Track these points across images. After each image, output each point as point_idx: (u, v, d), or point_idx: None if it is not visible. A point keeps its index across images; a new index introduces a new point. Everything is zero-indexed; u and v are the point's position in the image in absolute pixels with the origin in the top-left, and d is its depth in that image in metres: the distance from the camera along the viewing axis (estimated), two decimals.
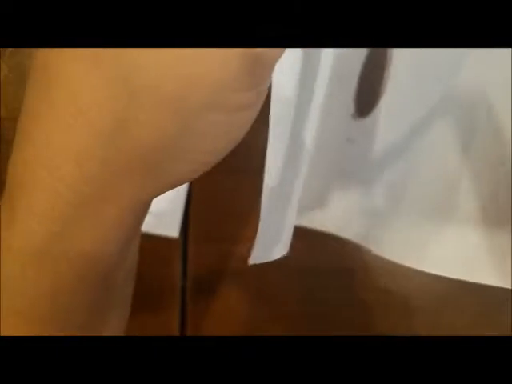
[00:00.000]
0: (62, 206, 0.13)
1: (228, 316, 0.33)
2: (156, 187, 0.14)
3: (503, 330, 0.32)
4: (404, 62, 0.22)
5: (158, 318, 0.21)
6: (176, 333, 0.34)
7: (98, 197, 0.13)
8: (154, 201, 0.17)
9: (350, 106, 0.24)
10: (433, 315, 0.33)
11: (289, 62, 0.19)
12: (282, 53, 0.14)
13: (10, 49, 0.31)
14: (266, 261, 0.23)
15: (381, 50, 0.22)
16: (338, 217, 0.26)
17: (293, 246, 0.25)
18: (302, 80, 0.20)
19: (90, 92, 0.12)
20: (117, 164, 0.13)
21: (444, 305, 0.23)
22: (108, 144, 0.12)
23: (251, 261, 0.21)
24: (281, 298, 0.31)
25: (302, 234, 0.27)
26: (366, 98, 0.23)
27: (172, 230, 0.31)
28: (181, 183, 0.15)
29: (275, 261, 0.25)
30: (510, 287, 0.22)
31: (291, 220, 0.24)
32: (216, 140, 0.14)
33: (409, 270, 0.25)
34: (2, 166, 0.32)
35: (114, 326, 0.19)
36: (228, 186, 0.31)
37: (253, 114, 0.14)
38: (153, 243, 0.30)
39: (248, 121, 0.14)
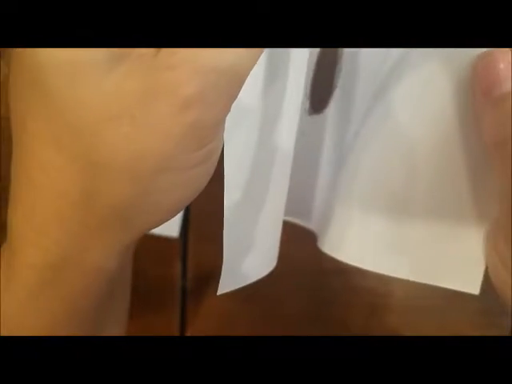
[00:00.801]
0: (50, 257, 0.16)
1: (228, 316, 0.33)
2: (131, 235, 0.16)
3: (503, 330, 0.32)
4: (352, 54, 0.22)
5: (158, 317, 0.21)
6: (176, 333, 0.34)
7: (81, 248, 0.16)
8: None
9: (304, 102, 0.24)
10: (433, 315, 0.33)
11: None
12: (222, 115, 0.15)
13: (11, 49, 0.31)
14: (238, 286, 0.21)
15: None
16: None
17: (293, 246, 0.25)
18: (268, 85, 0.19)
19: (59, 169, 0.15)
20: (91, 222, 0.15)
21: (444, 305, 0.23)
22: (81, 207, 0.15)
23: (219, 291, 0.20)
24: (281, 298, 0.31)
25: (302, 234, 0.27)
26: (320, 93, 0.23)
27: (172, 230, 0.31)
28: (155, 227, 0.17)
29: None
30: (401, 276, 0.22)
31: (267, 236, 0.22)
32: (177, 194, 0.16)
33: None
34: (1, 165, 0.32)
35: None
36: None
37: (209, 167, 0.16)
38: (153, 243, 0.30)
39: (206, 173, 0.16)
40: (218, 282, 0.20)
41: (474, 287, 0.19)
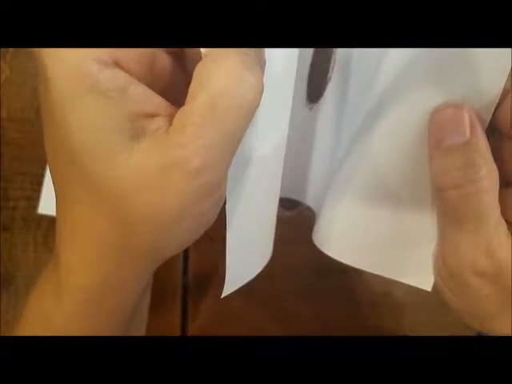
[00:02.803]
0: (93, 281, 0.19)
1: (228, 316, 0.33)
2: (157, 263, 0.20)
3: None
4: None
5: (158, 317, 0.22)
6: (177, 332, 0.34)
7: (118, 275, 0.19)
8: None
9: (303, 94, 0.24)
10: (433, 315, 0.33)
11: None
12: (227, 169, 0.18)
13: (12, 49, 0.31)
14: (241, 285, 0.23)
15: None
16: None
17: (293, 246, 0.25)
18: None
19: (98, 224, 0.18)
20: (126, 257, 0.19)
21: (444, 304, 0.23)
22: (118, 247, 0.19)
23: (224, 294, 0.22)
24: (281, 298, 0.31)
25: (301, 234, 0.27)
26: (315, 84, 0.24)
27: None
28: (177, 253, 0.20)
29: (275, 261, 0.25)
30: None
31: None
32: (193, 231, 0.19)
33: None
34: (2, 165, 0.32)
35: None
36: None
37: (218, 205, 0.19)
38: None
39: (216, 210, 0.19)
40: (219, 282, 0.20)
41: (427, 285, 0.22)
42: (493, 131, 0.19)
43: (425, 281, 0.22)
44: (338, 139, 0.25)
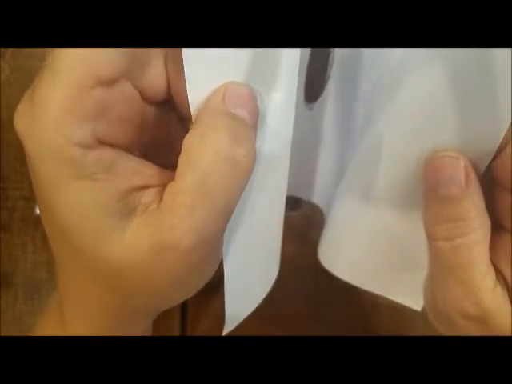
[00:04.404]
0: (94, 330, 0.20)
1: None
2: (155, 316, 0.21)
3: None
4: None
5: (158, 317, 0.22)
6: (176, 333, 0.34)
7: (118, 326, 0.20)
8: None
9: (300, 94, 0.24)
10: None
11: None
12: (221, 239, 0.18)
13: (12, 49, 0.31)
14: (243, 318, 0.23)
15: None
16: None
17: (293, 247, 0.25)
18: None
19: (96, 292, 0.19)
20: (124, 315, 0.20)
21: None
22: (116, 308, 0.19)
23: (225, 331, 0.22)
24: (281, 298, 0.31)
25: (301, 234, 0.27)
26: (314, 85, 0.24)
27: None
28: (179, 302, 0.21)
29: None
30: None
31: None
32: (191, 290, 0.19)
33: None
34: (2, 166, 0.32)
35: None
36: None
37: (214, 267, 0.19)
38: None
39: (212, 271, 0.19)
40: (218, 282, 0.20)
41: (417, 305, 0.24)
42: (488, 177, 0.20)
43: (415, 302, 0.23)
44: (341, 138, 0.25)
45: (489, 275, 0.19)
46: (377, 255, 0.24)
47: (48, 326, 0.22)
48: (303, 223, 0.30)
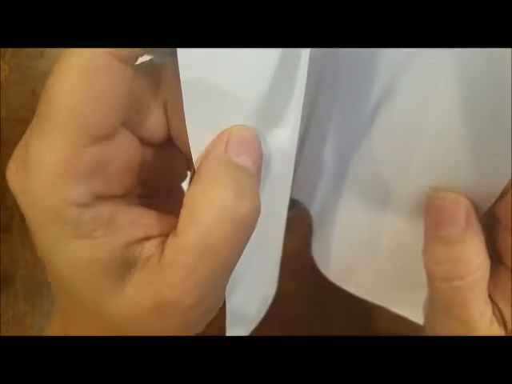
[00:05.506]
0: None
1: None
2: None
3: None
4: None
5: None
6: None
7: None
8: None
9: None
10: None
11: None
12: (224, 288, 0.18)
13: (11, 49, 0.31)
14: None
15: None
16: None
17: (293, 247, 0.25)
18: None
19: (96, 332, 0.18)
20: None
21: None
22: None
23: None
24: (281, 298, 0.31)
25: (301, 234, 0.27)
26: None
27: None
28: None
29: None
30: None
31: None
32: (198, 328, 0.19)
33: None
34: (1, 166, 0.32)
35: None
36: None
37: (216, 311, 0.19)
38: None
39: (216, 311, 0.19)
40: None
41: (419, 319, 0.23)
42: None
43: (416, 316, 0.23)
44: (333, 136, 0.25)
45: (486, 313, 0.19)
46: (375, 266, 0.24)
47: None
48: (300, 222, 0.30)
